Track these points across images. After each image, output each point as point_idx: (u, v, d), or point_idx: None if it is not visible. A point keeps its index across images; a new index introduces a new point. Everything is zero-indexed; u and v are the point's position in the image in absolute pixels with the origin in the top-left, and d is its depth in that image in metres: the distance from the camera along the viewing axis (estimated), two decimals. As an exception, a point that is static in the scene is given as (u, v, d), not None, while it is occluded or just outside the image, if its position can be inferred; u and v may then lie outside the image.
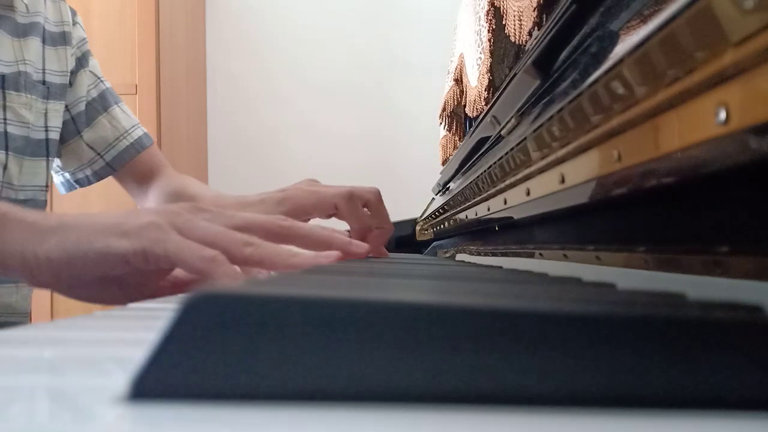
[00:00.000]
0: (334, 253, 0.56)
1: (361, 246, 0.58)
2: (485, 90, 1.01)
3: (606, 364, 0.17)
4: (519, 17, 0.75)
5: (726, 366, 0.17)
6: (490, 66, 0.99)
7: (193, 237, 0.49)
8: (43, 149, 0.87)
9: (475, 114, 1.12)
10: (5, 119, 0.82)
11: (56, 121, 0.88)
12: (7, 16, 0.83)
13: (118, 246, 0.47)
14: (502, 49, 0.91)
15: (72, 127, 0.92)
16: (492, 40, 0.97)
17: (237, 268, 0.49)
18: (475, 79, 1.10)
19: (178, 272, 0.56)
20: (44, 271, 0.48)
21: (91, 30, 2.25)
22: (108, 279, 0.50)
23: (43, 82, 0.87)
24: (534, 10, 0.69)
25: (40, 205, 0.87)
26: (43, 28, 0.88)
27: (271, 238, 0.53)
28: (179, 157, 2.46)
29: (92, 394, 0.19)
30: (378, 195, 0.76)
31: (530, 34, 0.72)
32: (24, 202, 0.84)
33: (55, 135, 0.88)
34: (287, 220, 0.56)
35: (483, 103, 1.03)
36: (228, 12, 2.75)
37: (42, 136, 0.86)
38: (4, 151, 0.82)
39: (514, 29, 0.76)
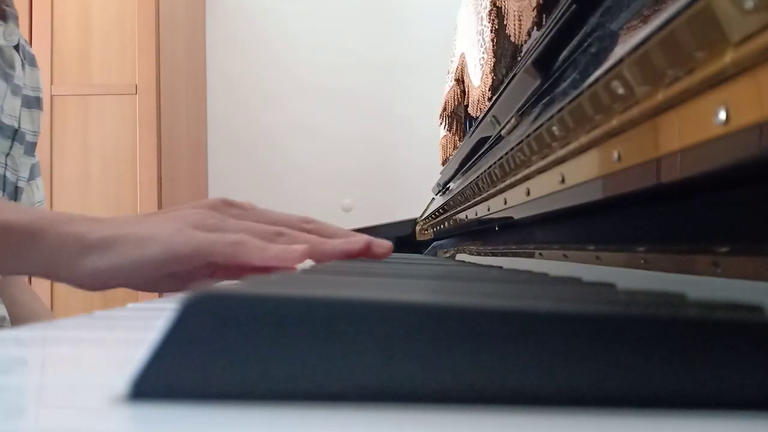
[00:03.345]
0: (362, 238, 0.55)
1: (383, 245, 0.57)
2: (489, 90, 1.01)
3: (606, 364, 0.17)
4: (519, 17, 0.75)
5: (726, 366, 0.17)
6: (494, 66, 0.99)
7: (221, 232, 0.52)
8: (14, 196, 0.91)
9: (478, 114, 1.12)
10: (6, 165, 0.88)
11: (25, 173, 0.93)
12: (10, 74, 0.87)
13: (150, 254, 0.51)
14: (507, 49, 0.91)
15: None
16: (495, 40, 0.97)
17: (264, 244, 0.51)
18: (479, 80, 1.10)
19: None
20: (85, 281, 0.52)
21: (91, 30, 2.25)
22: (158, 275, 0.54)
23: (18, 136, 0.91)
24: (533, 10, 0.69)
25: None
26: (21, 89, 0.91)
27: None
28: (179, 157, 2.46)
29: (92, 394, 0.19)
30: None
31: (529, 34, 0.72)
32: None
33: (23, 184, 0.93)
34: (313, 220, 0.58)
35: (487, 103, 1.03)
36: (228, 12, 2.75)
37: (15, 185, 0.92)
38: (1, 191, 0.87)
39: (514, 29, 0.76)
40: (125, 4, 2.27)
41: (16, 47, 0.89)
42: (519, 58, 0.76)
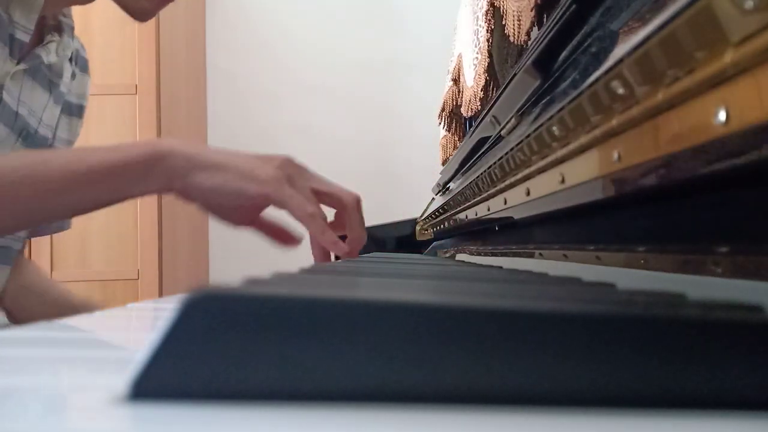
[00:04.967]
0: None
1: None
2: (481, 90, 1.01)
3: (606, 364, 0.17)
4: (518, 17, 0.75)
5: (726, 366, 0.17)
6: (487, 66, 0.99)
7: (298, 190, 0.67)
8: None
9: (470, 114, 1.12)
10: None
11: None
12: (55, 83, 0.85)
13: (249, 188, 0.64)
14: (504, 48, 0.91)
15: None
16: (490, 40, 0.97)
17: (323, 227, 0.68)
18: (472, 79, 1.09)
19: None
20: (191, 193, 0.65)
21: (91, 30, 2.25)
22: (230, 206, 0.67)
23: (50, 146, 0.89)
24: (531, 10, 0.69)
25: (17, 246, 0.91)
26: (64, 96, 0.90)
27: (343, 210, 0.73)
28: (179, 157, 2.45)
29: (92, 394, 0.19)
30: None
31: (528, 34, 0.72)
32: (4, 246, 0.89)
33: None
34: (358, 201, 0.75)
35: (478, 104, 1.03)
36: (228, 12, 2.75)
37: None
38: None
39: (513, 29, 0.76)
40: (125, 4, 2.27)
41: (70, 56, 0.89)
42: (518, 58, 0.76)
